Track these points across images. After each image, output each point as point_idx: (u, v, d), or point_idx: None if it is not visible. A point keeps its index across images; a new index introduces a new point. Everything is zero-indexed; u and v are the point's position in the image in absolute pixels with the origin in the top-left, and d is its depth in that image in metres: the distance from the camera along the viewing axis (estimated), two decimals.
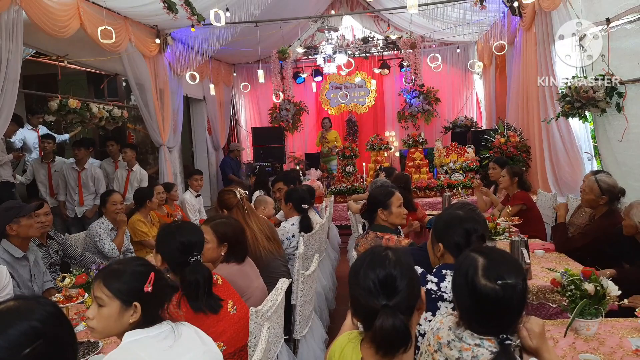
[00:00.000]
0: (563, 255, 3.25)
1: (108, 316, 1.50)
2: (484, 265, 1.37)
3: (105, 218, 3.98)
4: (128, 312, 1.50)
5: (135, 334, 1.48)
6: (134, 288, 1.51)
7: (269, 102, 10.32)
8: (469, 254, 1.44)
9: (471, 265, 1.39)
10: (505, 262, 1.40)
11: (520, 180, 4.41)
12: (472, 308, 1.37)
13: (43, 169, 5.58)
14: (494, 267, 1.37)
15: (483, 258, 1.40)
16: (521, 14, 6.29)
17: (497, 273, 1.35)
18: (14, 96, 3.96)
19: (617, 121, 4.24)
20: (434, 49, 9.61)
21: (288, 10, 7.77)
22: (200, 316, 1.89)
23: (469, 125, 9.20)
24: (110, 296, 1.50)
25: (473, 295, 1.36)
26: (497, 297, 1.32)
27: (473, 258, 1.41)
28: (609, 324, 2.12)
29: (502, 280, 1.33)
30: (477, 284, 1.35)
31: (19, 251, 2.85)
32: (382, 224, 2.90)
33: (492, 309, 1.34)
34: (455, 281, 1.45)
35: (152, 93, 6.42)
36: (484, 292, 1.34)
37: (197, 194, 6.07)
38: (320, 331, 3.04)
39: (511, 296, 1.33)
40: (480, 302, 1.35)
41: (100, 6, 4.93)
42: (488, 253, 1.43)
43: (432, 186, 7.07)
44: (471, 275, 1.37)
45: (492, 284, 1.33)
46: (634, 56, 3.94)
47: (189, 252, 1.99)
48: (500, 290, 1.32)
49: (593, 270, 2.06)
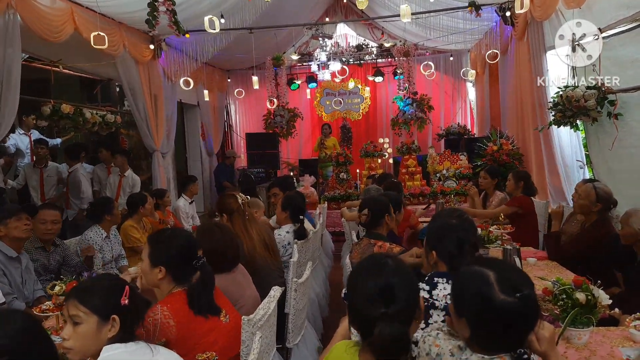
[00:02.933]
0: (555, 263, 3.26)
1: (85, 334, 1.47)
2: (497, 280, 1.30)
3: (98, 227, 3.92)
4: (106, 327, 1.49)
5: (114, 348, 1.47)
6: (111, 302, 1.50)
7: (263, 108, 10.33)
8: (475, 270, 1.36)
9: (483, 281, 1.31)
10: (515, 272, 1.36)
11: (526, 184, 4.35)
12: (492, 326, 1.30)
13: (35, 174, 5.54)
14: (507, 279, 1.30)
15: (493, 272, 1.32)
16: (513, 23, 6.35)
17: (512, 285, 1.29)
18: (16, 101, 3.96)
19: (608, 130, 4.28)
20: (428, 57, 9.67)
21: (282, 18, 7.80)
22: (192, 326, 1.87)
23: (462, 132, 9.26)
24: (87, 312, 1.48)
25: (492, 312, 1.28)
26: (518, 310, 1.27)
27: (482, 273, 1.33)
28: (600, 333, 2.13)
29: (519, 292, 1.28)
30: (495, 301, 1.27)
31: (12, 251, 2.89)
32: (380, 232, 2.93)
33: (513, 323, 1.29)
34: (466, 302, 1.35)
35: (145, 98, 6.40)
36: (504, 308, 1.27)
37: (191, 200, 6.04)
38: (313, 339, 3.03)
39: (530, 306, 1.29)
40: (501, 319, 1.28)
41: (94, 11, 4.93)
42: (493, 266, 1.36)
43: (426, 193, 7.09)
44: (487, 292, 1.29)
45: (512, 297, 1.27)
46: (629, 65, 3.99)
47: (192, 256, 1.98)
48: (520, 303, 1.27)
49: (584, 279, 2.07)
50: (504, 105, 7.65)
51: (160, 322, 1.78)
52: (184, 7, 5.55)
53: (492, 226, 3.71)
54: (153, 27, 5.05)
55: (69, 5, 4.59)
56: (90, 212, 4.10)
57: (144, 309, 1.64)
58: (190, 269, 1.97)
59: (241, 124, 11.05)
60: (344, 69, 9.39)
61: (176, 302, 1.88)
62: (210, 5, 5.85)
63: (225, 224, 2.88)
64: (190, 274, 1.97)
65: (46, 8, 4.25)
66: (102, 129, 5.96)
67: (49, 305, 2.27)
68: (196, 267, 1.97)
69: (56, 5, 4.41)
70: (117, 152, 6.06)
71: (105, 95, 7.53)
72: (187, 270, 1.96)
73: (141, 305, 1.61)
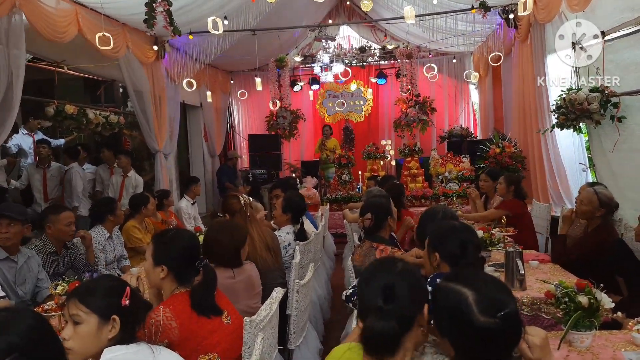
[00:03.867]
0: (557, 266, 3.25)
1: (86, 334, 1.47)
2: (475, 300, 1.24)
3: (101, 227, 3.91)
4: (106, 328, 1.49)
5: (115, 350, 1.47)
6: (111, 302, 1.50)
7: (266, 110, 10.34)
8: (451, 289, 1.29)
9: (461, 302, 1.25)
10: (494, 289, 1.29)
11: (517, 188, 4.41)
12: (473, 347, 1.25)
13: (38, 174, 5.56)
14: (486, 299, 1.24)
15: (470, 291, 1.26)
16: (517, 25, 6.35)
17: (492, 305, 1.23)
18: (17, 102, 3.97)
19: (611, 133, 4.27)
20: (430, 59, 9.67)
21: (286, 19, 7.81)
22: (194, 328, 1.87)
23: (464, 135, 9.25)
24: (87, 312, 1.48)
25: (472, 334, 1.23)
26: (500, 329, 1.22)
27: (459, 293, 1.26)
28: (603, 336, 2.12)
29: (500, 312, 1.22)
30: (474, 323, 1.22)
31: (3, 253, 2.88)
32: (382, 235, 2.93)
33: (495, 342, 1.24)
34: (446, 323, 1.30)
35: (149, 99, 6.42)
36: (486, 329, 1.21)
37: (193, 201, 6.05)
38: (315, 341, 3.03)
39: (512, 325, 1.24)
40: (483, 340, 1.23)
41: (98, 12, 4.95)
42: (471, 283, 1.29)
43: (428, 195, 7.08)
44: (466, 314, 1.23)
45: (492, 318, 1.21)
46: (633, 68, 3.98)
47: (195, 257, 1.99)
48: (501, 323, 1.21)
49: (587, 282, 2.06)
50: (506, 107, 7.64)
51: (162, 324, 1.78)
52: (188, 9, 5.58)
53: (495, 229, 3.70)
54: (151, 28, 5.07)
55: (73, 7, 4.61)
56: (92, 213, 4.10)
57: (145, 311, 1.64)
58: (192, 270, 1.97)
59: (244, 126, 11.07)
60: (347, 70, 9.39)
61: (179, 304, 1.89)
62: (213, 7, 5.87)
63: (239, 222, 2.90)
64: (192, 275, 1.97)
65: (51, 9, 4.27)
66: (105, 129, 5.97)
67: (51, 305, 2.27)
68: (198, 268, 1.98)
69: (61, 6, 4.43)
70: (120, 152, 6.08)
71: (109, 96, 7.56)
72: (189, 271, 1.97)
73: (142, 306, 1.62)
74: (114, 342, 1.49)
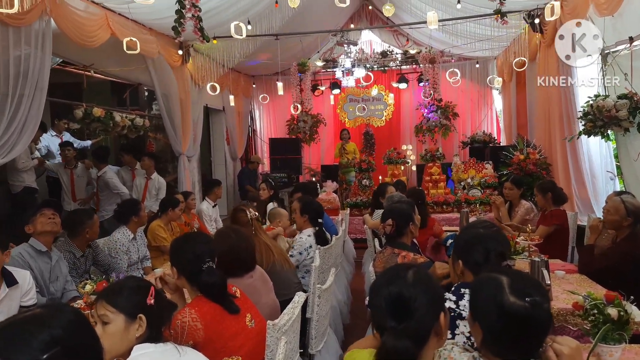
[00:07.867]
0: (584, 276, 3.18)
1: (114, 333, 1.53)
2: (509, 284, 1.34)
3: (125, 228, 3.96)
4: (134, 326, 1.54)
5: (145, 347, 1.52)
6: (136, 301, 1.56)
7: (287, 114, 10.40)
8: (488, 276, 1.41)
9: (496, 285, 1.35)
10: (529, 280, 1.39)
11: (555, 194, 4.19)
12: (501, 329, 1.32)
13: (66, 175, 5.69)
14: (519, 284, 1.34)
15: (506, 277, 1.36)
16: (542, 30, 6.25)
17: (523, 290, 1.32)
18: (42, 104, 4.07)
19: (635, 141, 4.16)
20: (453, 63, 9.59)
21: (308, 24, 7.85)
22: (219, 329, 1.90)
23: (487, 141, 9.13)
24: (114, 311, 1.54)
25: (502, 315, 1.31)
26: (527, 314, 1.29)
27: (495, 278, 1.37)
28: (633, 350, 2.07)
29: (530, 297, 1.30)
30: (505, 303, 1.31)
31: (42, 246, 3.02)
32: (404, 241, 2.92)
33: (522, 327, 1.30)
34: (479, 305, 1.39)
35: (177, 103, 6.53)
36: (513, 310, 1.29)
37: (214, 203, 6.11)
38: (335, 346, 3.03)
39: (540, 314, 1.30)
40: (510, 322, 1.30)
41: (126, 17, 5.06)
42: (508, 272, 1.41)
43: (450, 201, 7.01)
44: (498, 295, 1.32)
45: (521, 301, 1.30)
46: None
47: (200, 260, 2.02)
48: (530, 308, 1.29)
49: (616, 294, 2.01)
50: (531, 113, 7.51)
51: (188, 325, 1.82)
52: (212, 14, 5.65)
53: (519, 237, 3.64)
54: (179, 35, 5.15)
55: (103, 11, 4.72)
56: (117, 214, 4.19)
57: (170, 311, 1.69)
58: (199, 273, 2.01)
59: (265, 129, 11.15)
60: (369, 75, 9.39)
61: (204, 305, 1.92)
62: (237, 12, 5.94)
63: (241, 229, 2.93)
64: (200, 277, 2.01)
65: (81, 13, 4.37)
66: (131, 132, 6.09)
67: (80, 304, 2.32)
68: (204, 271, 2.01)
69: (90, 11, 4.54)
70: (145, 154, 6.17)
71: (134, 100, 7.71)
72: (198, 274, 2.01)
73: (167, 306, 1.66)
74: (142, 341, 1.54)
